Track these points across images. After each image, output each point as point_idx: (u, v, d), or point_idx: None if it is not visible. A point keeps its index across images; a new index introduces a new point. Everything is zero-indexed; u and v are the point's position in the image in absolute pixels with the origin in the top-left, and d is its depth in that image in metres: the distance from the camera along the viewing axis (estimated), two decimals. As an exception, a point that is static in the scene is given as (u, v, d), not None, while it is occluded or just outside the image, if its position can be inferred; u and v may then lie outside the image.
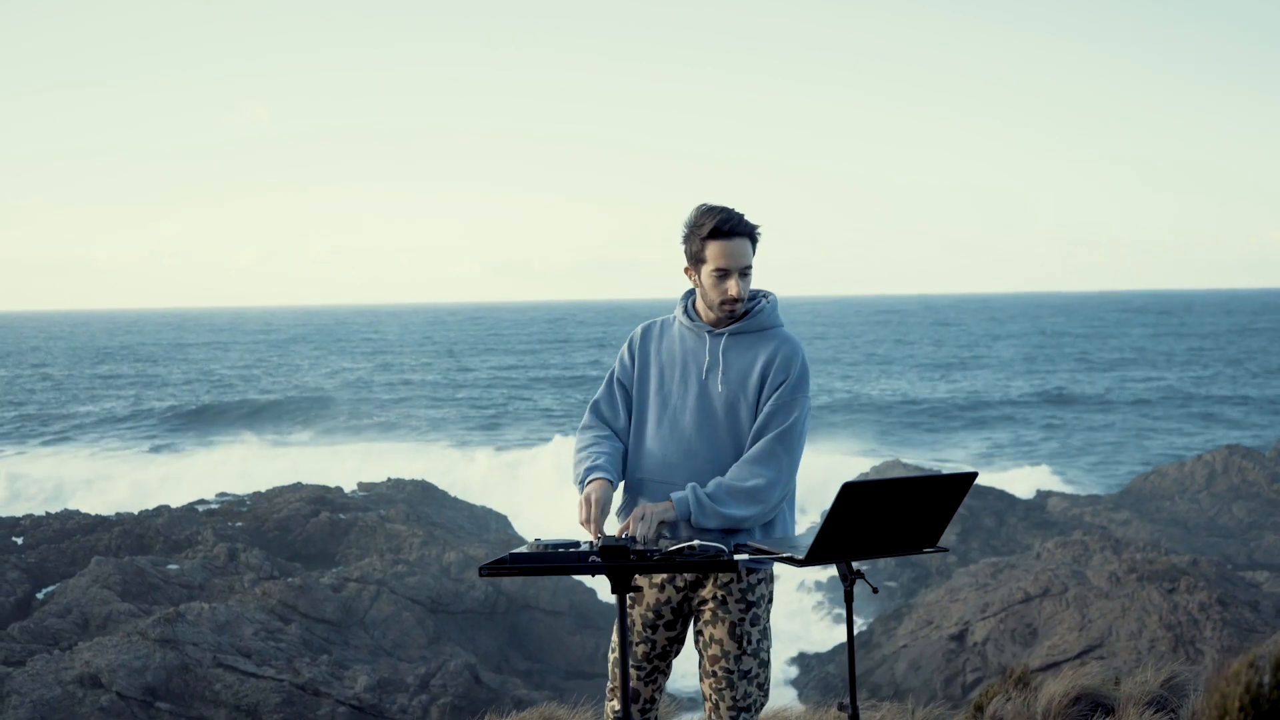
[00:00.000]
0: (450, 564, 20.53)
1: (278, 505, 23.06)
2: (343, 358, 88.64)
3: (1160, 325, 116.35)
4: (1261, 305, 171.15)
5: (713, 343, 3.02)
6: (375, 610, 17.93)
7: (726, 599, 3.00)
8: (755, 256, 3.00)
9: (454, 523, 24.82)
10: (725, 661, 3.00)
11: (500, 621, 20.18)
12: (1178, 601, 15.78)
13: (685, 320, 3.08)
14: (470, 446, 43.41)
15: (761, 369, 2.99)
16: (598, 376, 69.39)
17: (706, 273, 3.01)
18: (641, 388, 3.10)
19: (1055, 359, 77.31)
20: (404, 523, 22.64)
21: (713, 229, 2.97)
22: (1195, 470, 28.64)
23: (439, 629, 18.54)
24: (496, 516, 27.12)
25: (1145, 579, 16.62)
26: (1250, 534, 25.54)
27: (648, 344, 3.12)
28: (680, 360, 3.05)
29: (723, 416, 3.00)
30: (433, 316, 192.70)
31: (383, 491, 25.84)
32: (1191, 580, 16.39)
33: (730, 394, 2.99)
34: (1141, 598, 16.07)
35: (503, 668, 18.83)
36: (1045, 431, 47.00)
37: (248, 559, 18.79)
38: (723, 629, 3.01)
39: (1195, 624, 15.30)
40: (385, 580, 18.80)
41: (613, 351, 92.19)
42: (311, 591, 17.51)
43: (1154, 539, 23.04)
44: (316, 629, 16.59)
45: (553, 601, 20.80)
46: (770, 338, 3.03)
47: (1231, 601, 16.02)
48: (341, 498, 24.56)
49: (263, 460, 41.23)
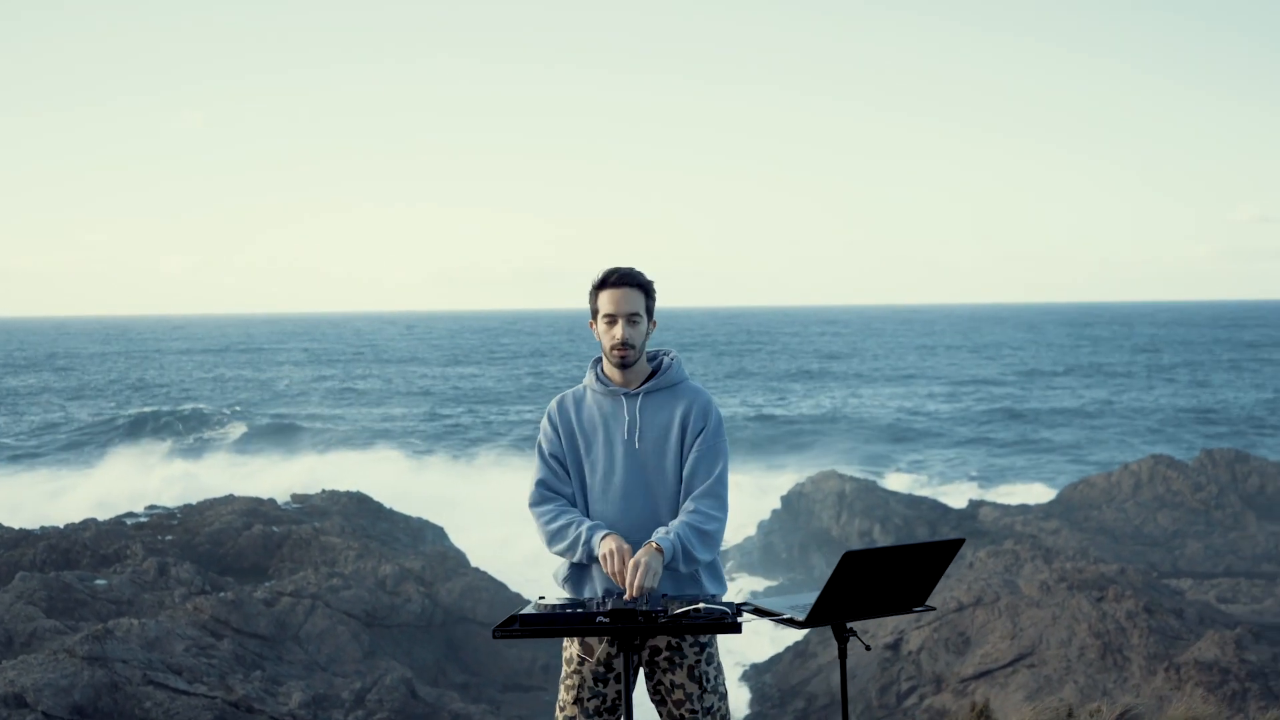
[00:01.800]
0: (386, 577, 20.32)
1: (209, 518, 22.67)
2: (275, 367, 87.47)
3: (1088, 336, 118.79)
4: (1182, 317, 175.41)
5: (629, 403, 3.22)
6: (310, 625, 17.70)
7: (680, 645, 3.15)
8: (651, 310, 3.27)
9: (390, 535, 24.60)
10: (689, 704, 3.16)
11: (437, 635, 20.01)
12: (1106, 610, 16.11)
13: (598, 386, 3.28)
14: (412, 455, 43.09)
15: (680, 421, 3.20)
16: (535, 385, 69.26)
17: (599, 321, 3.26)
18: (573, 456, 3.28)
19: (987, 369, 78.59)
20: (339, 535, 22.37)
21: (602, 280, 3.28)
22: (1122, 480, 29.27)
23: (374, 643, 18.35)
24: (433, 528, 26.91)
25: (1075, 588, 16.94)
26: (1175, 542, 26.16)
27: (566, 415, 3.29)
28: (602, 425, 3.24)
29: (652, 471, 3.20)
30: (370, 324, 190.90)
31: (317, 503, 25.52)
32: (1119, 589, 16.75)
33: (655, 449, 3.20)
34: (1071, 606, 16.37)
35: (439, 681, 18.68)
36: (977, 441, 47.75)
37: (178, 573, 18.45)
38: (682, 674, 3.16)
39: (1123, 632, 15.63)
40: (320, 594, 18.57)
41: (552, 360, 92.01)
42: (244, 606, 17.24)
43: (1083, 548, 23.50)
44: (249, 644, 16.34)
45: (490, 614, 20.68)
46: (682, 392, 3.26)
47: (1157, 609, 16.39)
48: (275, 510, 24.22)
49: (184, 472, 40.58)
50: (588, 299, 3.29)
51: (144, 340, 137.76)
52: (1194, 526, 26.75)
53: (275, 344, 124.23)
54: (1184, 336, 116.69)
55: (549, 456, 3.33)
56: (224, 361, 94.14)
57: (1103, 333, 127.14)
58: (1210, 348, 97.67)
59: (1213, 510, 27.49)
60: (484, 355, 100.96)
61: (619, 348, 3.24)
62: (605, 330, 3.26)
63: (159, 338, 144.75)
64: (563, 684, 3.28)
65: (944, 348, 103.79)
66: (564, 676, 3.26)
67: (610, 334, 3.25)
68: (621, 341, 3.23)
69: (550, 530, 3.25)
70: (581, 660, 3.21)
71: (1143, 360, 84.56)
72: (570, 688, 3.22)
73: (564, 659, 3.27)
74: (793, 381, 73.40)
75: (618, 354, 3.25)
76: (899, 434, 49.35)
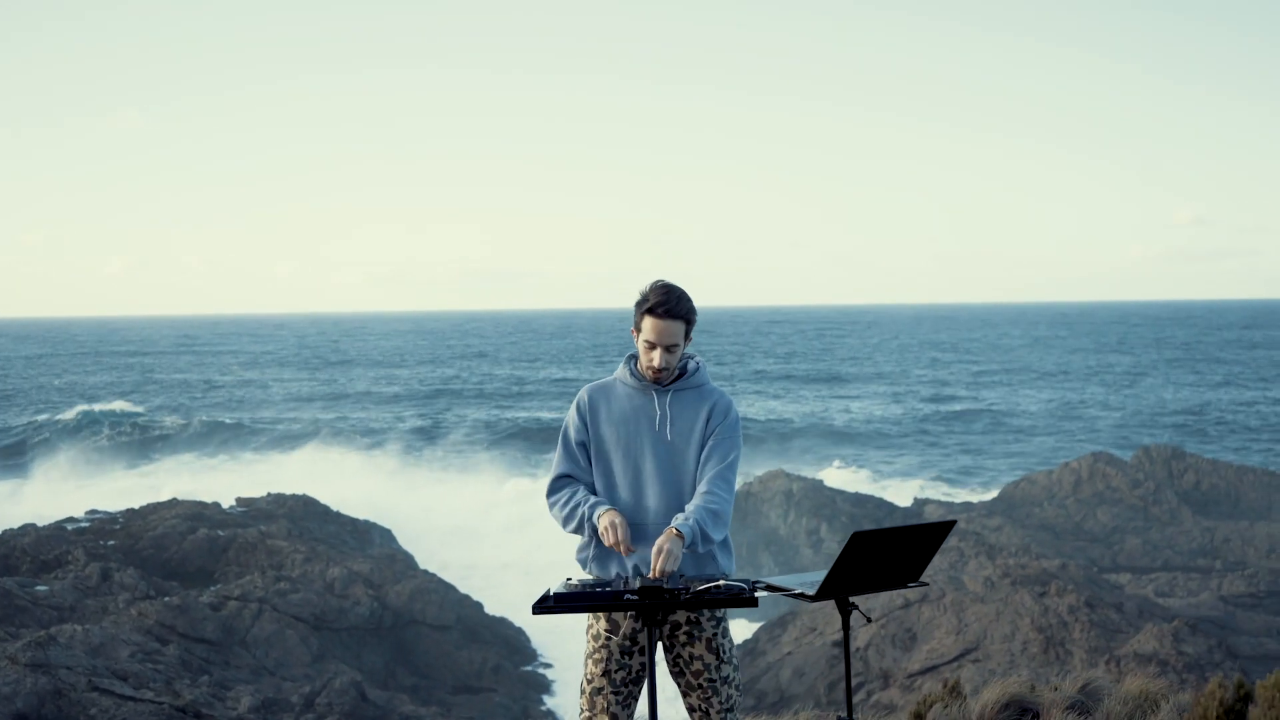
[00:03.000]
0: (334, 580, 20.20)
1: (152, 523, 22.38)
2: (216, 369, 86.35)
3: (1034, 336, 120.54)
4: (1123, 316, 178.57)
5: (660, 398, 3.51)
6: (257, 629, 17.55)
7: (699, 620, 3.43)
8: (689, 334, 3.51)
9: (337, 538, 24.44)
10: (708, 673, 3.43)
11: (386, 637, 19.92)
12: (1048, 605, 16.40)
13: (632, 381, 3.55)
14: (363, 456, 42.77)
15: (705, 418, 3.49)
16: (459, 385, 68.98)
17: (640, 340, 3.51)
18: (600, 444, 3.53)
19: (936, 370, 79.50)
20: (285, 539, 22.20)
21: (650, 307, 3.45)
22: (1063, 477, 29.79)
23: (323, 646, 18.23)
24: (380, 530, 26.76)
25: (1018, 583, 17.23)
26: (1114, 538, 26.68)
27: (596, 406, 3.55)
28: (632, 416, 3.51)
29: (676, 460, 3.47)
30: (314, 325, 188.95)
31: (262, 507, 25.27)
32: (1061, 584, 17.06)
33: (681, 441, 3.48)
34: (1014, 602, 16.66)
35: (389, 684, 18.60)
36: (922, 440, 48.32)
37: (122, 579, 18.21)
38: (701, 646, 3.43)
39: (1065, 626, 15.93)
40: (267, 598, 18.41)
41: (498, 363, 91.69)
42: (190, 611, 17.06)
43: (1025, 544, 23.88)
44: (196, 649, 16.17)
45: (439, 616, 20.61)
46: (707, 393, 3.55)
47: (1098, 604, 16.73)
48: (219, 514, 23.96)
49: (124, 476, 39.98)
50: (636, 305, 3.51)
51: (83, 342, 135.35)
52: (1132, 523, 27.29)
53: (216, 346, 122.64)
54: (1123, 335, 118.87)
55: (575, 444, 3.56)
56: (163, 364, 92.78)
57: (1048, 332, 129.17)
58: (1148, 348, 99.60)
59: (1150, 506, 28.06)
60: (433, 356, 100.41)
61: (654, 370, 3.50)
62: (645, 351, 3.50)
63: (98, 339, 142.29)
64: (590, 659, 3.52)
65: (891, 348, 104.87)
66: (591, 652, 3.50)
67: (649, 356, 3.49)
68: (659, 367, 3.49)
69: (564, 514, 3.50)
70: (608, 636, 3.46)
71: (1080, 360, 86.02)
72: (598, 661, 3.46)
73: (590, 636, 3.53)
74: (742, 382, 73.78)
75: (652, 374, 3.52)
76: (845, 434, 49.81)
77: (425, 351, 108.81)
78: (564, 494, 3.54)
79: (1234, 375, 71.65)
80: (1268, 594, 23.65)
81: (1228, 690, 3.68)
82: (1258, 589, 23.73)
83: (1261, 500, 29.50)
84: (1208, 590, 23.55)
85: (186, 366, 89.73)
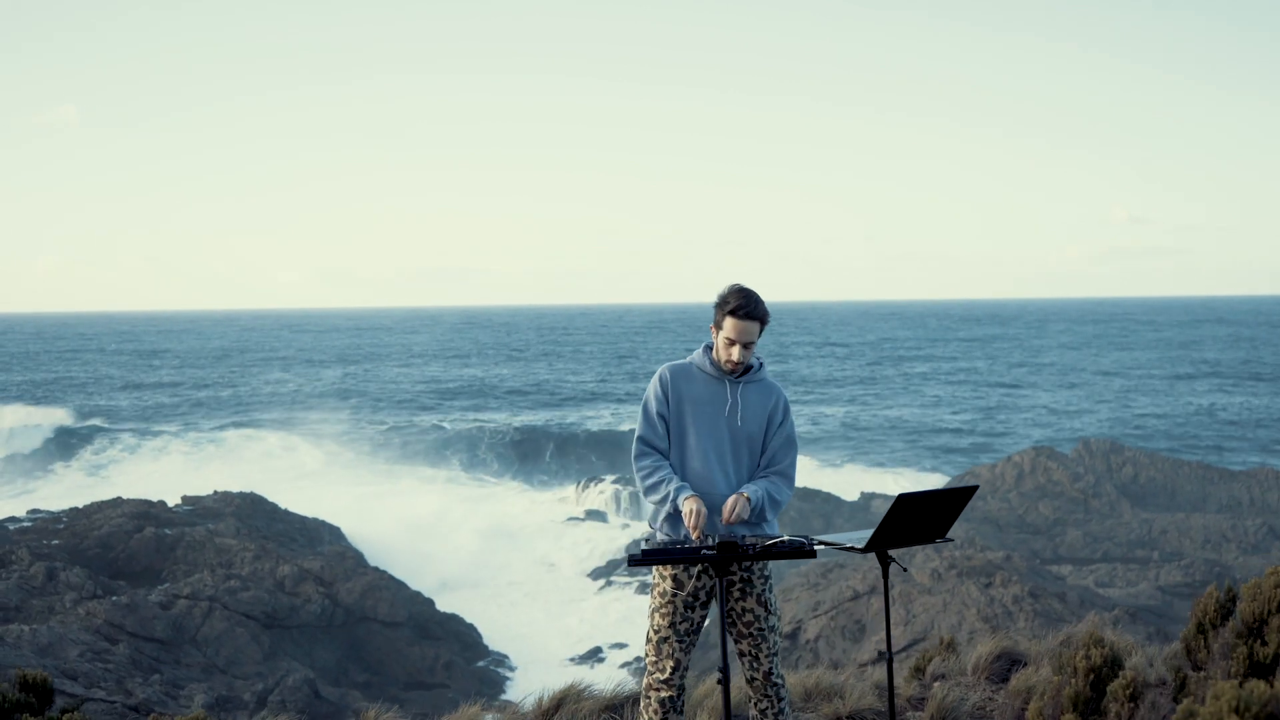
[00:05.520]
0: (285, 577, 20.08)
1: (97, 522, 22.08)
2: (155, 366, 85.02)
3: (975, 333, 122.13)
4: (1059, 314, 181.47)
5: (731, 388, 4.04)
6: (208, 627, 17.42)
7: (750, 577, 3.97)
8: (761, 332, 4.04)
9: (286, 535, 24.27)
10: (759, 623, 3.96)
11: (337, 634, 19.84)
12: (994, 595, 16.75)
13: (710, 369, 4.05)
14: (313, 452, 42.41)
15: (769, 411, 4.08)
16: (402, 389, 68.56)
17: (721, 338, 3.99)
18: (679, 419, 4.05)
19: (882, 364, 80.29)
20: (234, 536, 22.01)
21: (733, 309, 3.94)
22: (1006, 471, 30.32)
23: (275, 644, 18.13)
24: (330, 528, 26.62)
25: (964, 574, 17.57)
26: (1055, 530, 27.22)
27: (678, 384, 4.06)
28: (708, 399, 4.04)
29: (743, 442, 4.03)
30: (256, 321, 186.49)
31: (209, 505, 25.02)
32: (1006, 575, 17.42)
33: (748, 427, 4.04)
34: (961, 592, 16.98)
35: (341, 681, 18.54)
36: (861, 436, 48.85)
37: (68, 578, 17.97)
38: (752, 600, 3.97)
39: (1010, 615, 16.27)
40: (217, 596, 18.27)
41: (452, 364, 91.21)
42: (139, 610, 16.89)
43: (970, 537, 24.28)
44: (146, 648, 16.02)
45: (391, 613, 20.57)
46: (769, 388, 4.12)
47: (1042, 594, 17.11)
48: (166, 512, 23.68)
49: (64, 475, 39.35)
50: (717, 305, 4.00)
51: (16, 340, 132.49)
52: (1073, 515, 27.85)
53: (156, 343, 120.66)
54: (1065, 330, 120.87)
55: (655, 415, 4.05)
56: (103, 360, 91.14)
57: (995, 330, 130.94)
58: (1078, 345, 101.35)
59: (1090, 499, 28.66)
60: (381, 354, 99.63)
61: (733, 364, 3.99)
62: (725, 348, 3.98)
63: (32, 336, 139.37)
64: (656, 613, 4.00)
65: (831, 344, 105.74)
66: (658, 606, 3.99)
67: (729, 353, 3.98)
68: (737, 363, 3.99)
69: (648, 483, 3.98)
70: (674, 592, 3.97)
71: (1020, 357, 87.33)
72: (665, 615, 3.96)
73: (656, 593, 4.02)
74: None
75: (730, 367, 4.00)
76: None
77: (367, 349, 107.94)
78: (649, 462, 4.02)
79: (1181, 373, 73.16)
80: (1203, 584, 24.26)
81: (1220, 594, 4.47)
82: (1193, 579, 24.35)
83: (1197, 492, 30.24)
84: (1146, 580, 24.13)
85: (122, 364, 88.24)
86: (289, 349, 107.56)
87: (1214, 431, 48.25)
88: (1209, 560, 25.09)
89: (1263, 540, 26.29)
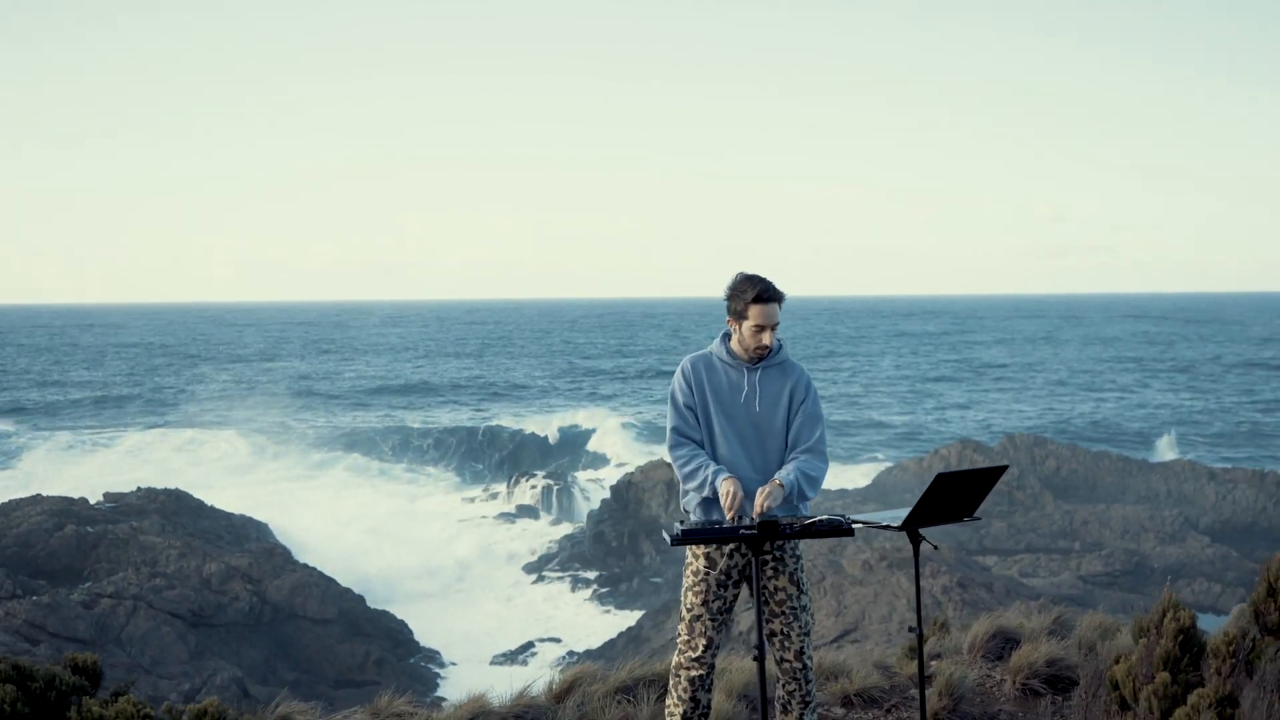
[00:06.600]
0: (211, 575, 19.76)
1: (15, 520, 21.53)
2: (65, 366, 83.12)
3: (903, 328, 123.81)
4: (987, 310, 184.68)
5: (750, 376, 4.14)
6: (132, 626, 17.08)
7: (784, 556, 4.07)
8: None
9: (212, 532, 23.86)
10: (790, 601, 4.04)
11: (266, 632, 19.57)
12: (923, 585, 17.01)
13: (728, 359, 4.15)
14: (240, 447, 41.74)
15: (790, 392, 4.15)
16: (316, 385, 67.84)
17: (747, 326, 4.07)
18: (705, 409, 4.14)
19: (812, 359, 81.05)
20: (159, 534, 21.60)
21: (756, 295, 4.03)
22: (932, 464, 30.78)
23: (201, 643, 17.84)
24: (257, 524, 26.23)
25: (894, 566, 17.82)
26: (981, 522, 27.70)
27: (700, 375, 4.16)
28: (728, 388, 4.14)
29: (765, 427, 4.12)
30: (181, 315, 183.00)
31: (132, 502, 24.50)
32: (935, 566, 17.70)
33: (768, 412, 4.12)
34: (891, 584, 17.23)
35: (270, 679, 18.29)
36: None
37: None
38: (784, 579, 4.05)
39: (939, 605, 16.54)
40: (142, 594, 17.93)
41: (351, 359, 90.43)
42: (61, 610, 16.51)
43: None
44: (69, 649, 15.63)
45: (320, 610, 20.35)
46: (789, 369, 4.19)
47: (970, 584, 17.43)
48: (87, 509, 23.15)
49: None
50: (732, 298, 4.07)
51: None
52: (998, 507, 28.39)
53: (75, 337, 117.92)
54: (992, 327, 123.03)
55: (684, 406, 4.12)
56: (20, 354, 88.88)
57: (923, 326, 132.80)
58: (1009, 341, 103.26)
59: (1014, 491, 29.23)
60: (309, 349, 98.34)
61: (762, 350, 4.08)
62: (752, 334, 4.05)
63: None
64: (690, 592, 4.05)
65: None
66: (691, 585, 4.05)
67: (758, 339, 4.05)
68: (767, 344, 4.08)
69: (686, 471, 4.04)
70: (707, 571, 4.04)
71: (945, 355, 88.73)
72: (698, 593, 4.02)
73: (689, 572, 4.08)
74: (639, 379, 74.10)
75: (759, 353, 4.09)
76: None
77: (296, 343, 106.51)
78: (685, 451, 4.10)
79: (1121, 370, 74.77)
80: (1122, 573, 24.90)
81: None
82: (1113, 568, 24.97)
83: (1116, 484, 30.98)
84: (1068, 570, 24.69)
85: (40, 358, 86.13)
86: (215, 343, 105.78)
87: (1134, 425, 49.46)
88: (1128, 550, 25.72)
89: (1179, 530, 27.01)
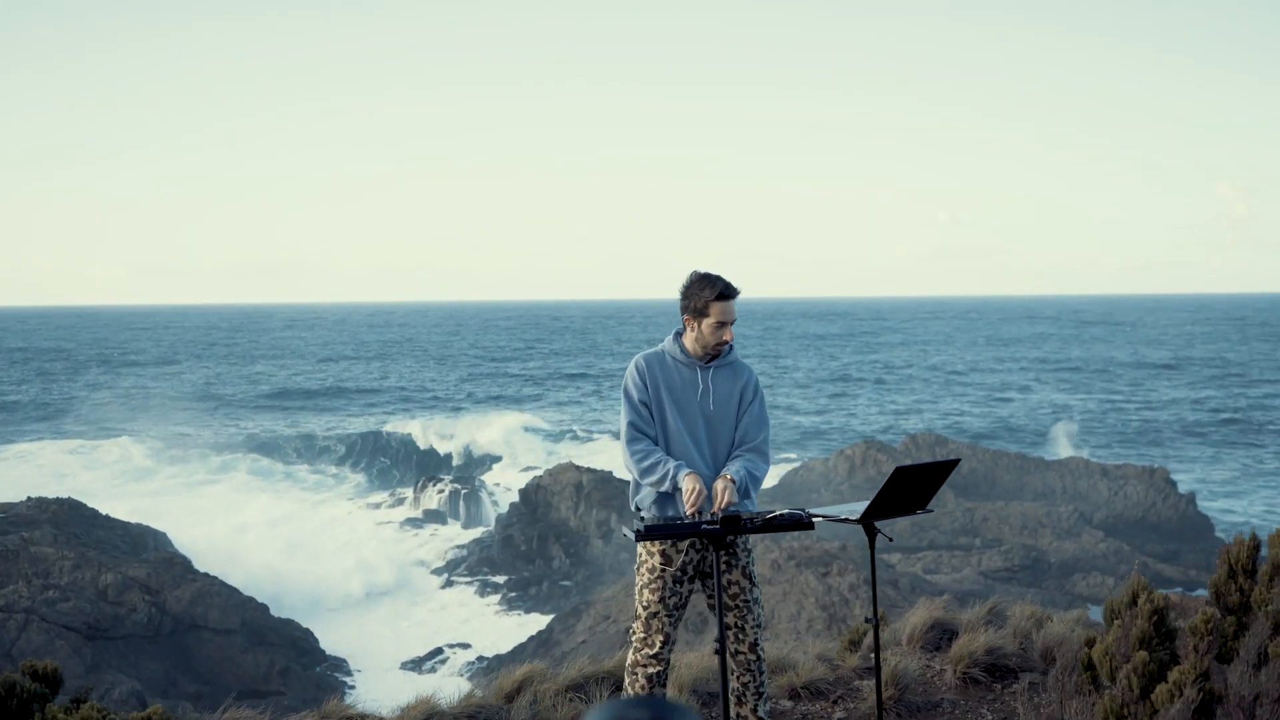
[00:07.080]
0: (107, 586, 19.18)
1: (-103, 531, 20.65)
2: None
3: (807, 330, 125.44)
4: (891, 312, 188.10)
5: (703, 374, 4.24)
6: (24, 640, 16.49)
7: (736, 550, 4.14)
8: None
9: (108, 542, 23.15)
10: (744, 595, 4.13)
11: (165, 644, 19.06)
12: (831, 584, 17.24)
13: (681, 356, 4.24)
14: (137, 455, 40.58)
15: (740, 391, 4.26)
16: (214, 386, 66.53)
17: (708, 323, 4.16)
18: (659, 405, 4.22)
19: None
20: (51, 544, 20.89)
21: (719, 293, 4.13)
22: (838, 464, 31.25)
23: (98, 656, 17.30)
24: (155, 534, 25.54)
25: (803, 565, 18.03)
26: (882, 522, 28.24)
27: (654, 372, 4.24)
28: (682, 385, 4.23)
29: (717, 424, 4.22)
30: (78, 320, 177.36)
31: (22, 511, 23.65)
32: (841, 564, 17.96)
33: (721, 410, 4.23)
34: (800, 582, 17.43)
35: (170, 692, 17.83)
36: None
37: None
38: (737, 572, 4.12)
39: (846, 603, 16.78)
40: (34, 607, 17.33)
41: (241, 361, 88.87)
42: (-53, 624, 15.88)
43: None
44: (-45, 665, 15.06)
45: (222, 620, 19.88)
46: (740, 369, 4.30)
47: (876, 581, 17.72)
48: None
49: None
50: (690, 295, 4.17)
51: None
52: (902, 505, 28.93)
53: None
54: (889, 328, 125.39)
55: (639, 402, 4.20)
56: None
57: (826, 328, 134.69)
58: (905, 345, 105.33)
59: (917, 490, 29.81)
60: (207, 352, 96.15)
61: (722, 346, 4.19)
62: (713, 331, 4.14)
63: None
64: (646, 589, 4.13)
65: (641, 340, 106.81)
66: (647, 583, 4.12)
67: (718, 335, 4.15)
68: (726, 342, 4.20)
69: (644, 466, 4.11)
70: (663, 568, 4.11)
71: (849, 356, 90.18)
72: (654, 590, 4.10)
73: (644, 569, 4.14)
74: (553, 382, 73.81)
75: (718, 350, 4.20)
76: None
77: (192, 347, 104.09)
78: (642, 446, 4.17)
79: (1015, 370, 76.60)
80: (1020, 567, 25.55)
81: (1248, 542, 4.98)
82: (1012, 563, 25.60)
83: (1015, 482, 31.79)
84: (969, 566, 25.25)
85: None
86: (108, 347, 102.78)
87: (1030, 424, 50.79)
88: (1026, 545, 26.41)
89: (1074, 525, 27.81)
